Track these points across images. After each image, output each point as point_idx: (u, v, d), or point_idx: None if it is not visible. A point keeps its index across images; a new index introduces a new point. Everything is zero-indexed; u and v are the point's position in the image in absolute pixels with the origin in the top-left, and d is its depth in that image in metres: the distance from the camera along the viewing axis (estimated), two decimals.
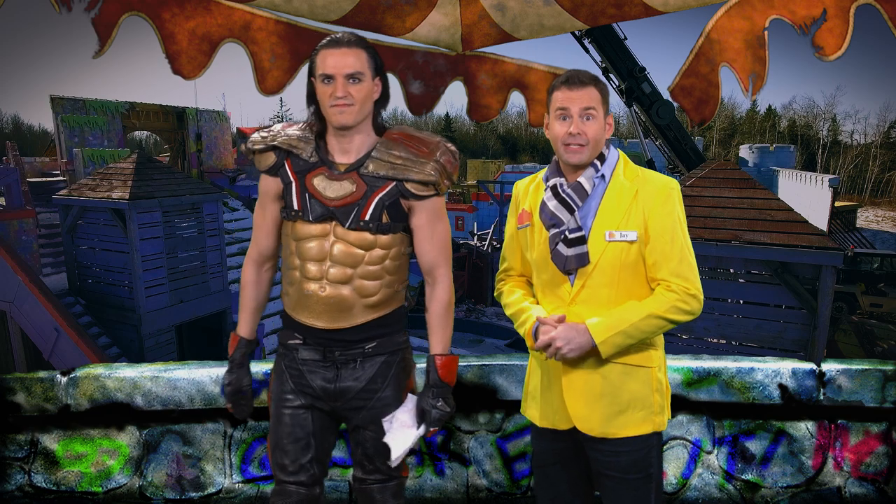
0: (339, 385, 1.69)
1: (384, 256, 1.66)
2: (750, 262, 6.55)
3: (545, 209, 1.62)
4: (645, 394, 1.59)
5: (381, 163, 1.62)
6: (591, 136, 1.55)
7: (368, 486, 1.76)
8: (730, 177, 7.25)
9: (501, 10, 3.13)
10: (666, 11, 2.81)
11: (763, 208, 6.75)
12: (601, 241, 1.56)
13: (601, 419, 1.58)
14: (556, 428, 1.66)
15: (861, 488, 2.57)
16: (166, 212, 11.52)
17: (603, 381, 1.58)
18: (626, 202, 1.57)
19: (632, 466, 1.59)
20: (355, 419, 1.72)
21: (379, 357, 1.71)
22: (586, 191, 1.58)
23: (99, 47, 2.38)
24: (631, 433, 1.58)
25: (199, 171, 22.26)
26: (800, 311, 6.41)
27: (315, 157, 1.65)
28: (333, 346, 1.68)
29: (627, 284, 1.57)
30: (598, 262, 1.56)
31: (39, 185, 17.29)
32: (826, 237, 6.46)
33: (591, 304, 1.58)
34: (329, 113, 1.59)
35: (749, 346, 6.63)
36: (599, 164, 1.60)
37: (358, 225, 1.62)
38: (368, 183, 1.62)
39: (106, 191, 11.18)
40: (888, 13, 2.34)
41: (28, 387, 2.58)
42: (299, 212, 1.64)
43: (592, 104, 1.54)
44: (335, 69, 1.56)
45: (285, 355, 1.74)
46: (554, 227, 1.60)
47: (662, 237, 1.55)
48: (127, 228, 10.96)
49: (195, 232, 12.27)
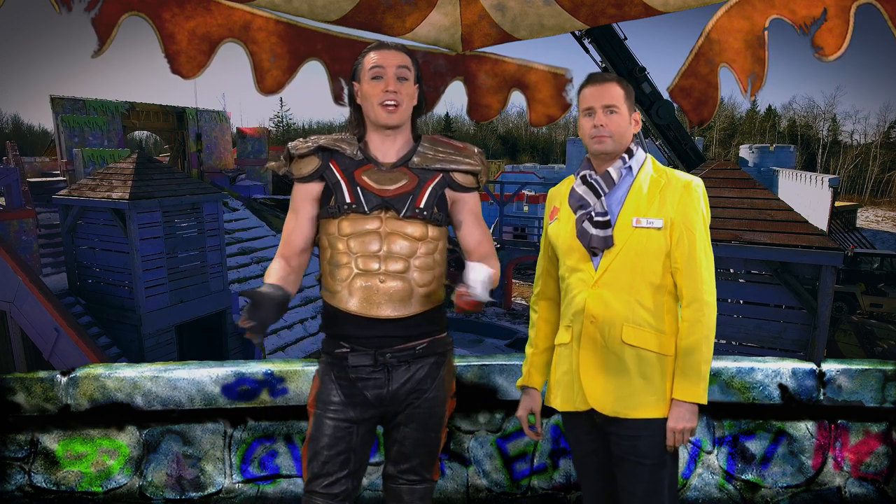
0: (391, 388, 1.68)
1: (434, 248, 1.71)
2: (750, 262, 6.55)
3: (574, 194, 1.72)
4: (658, 379, 1.63)
5: (427, 156, 1.71)
6: (613, 128, 1.65)
7: (399, 485, 1.76)
8: (730, 177, 7.25)
9: (501, 10, 3.13)
10: (666, 11, 2.81)
11: (763, 208, 6.75)
12: (628, 227, 1.64)
13: (614, 399, 1.63)
14: (576, 409, 1.71)
15: (861, 488, 2.57)
16: (166, 212, 11.51)
17: (618, 363, 1.63)
18: (654, 194, 1.66)
19: (647, 451, 1.63)
20: (398, 417, 1.72)
21: (429, 358, 1.72)
22: (613, 180, 1.68)
23: (98, 47, 2.38)
24: (643, 415, 1.62)
25: (199, 171, 22.26)
26: (800, 311, 6.41)
27: (361, 155, 1.69)
28: (384, 345, 1.66)
29: (650, 271, 1.63)
30: (623, 247, 1.63)
31: (39, 185, 17.29)
32: (826, 237, 6.46)
33: (614, 288, 1.64)
34: (378, 112, 1.63)
35: (749, 346, 6.63)
36: (627, 158, 1.69)
37: (413, 213, 1.65)
38: (419, 175, 1.69)
39: (106, 191, 11.18)
40: (888, 13, 2.34)
41: (28, 387, 2.58)
42: (352, 204, 1.64)
43: (614, 101, 1.65)
44: (386, 62, 1.63)
45: (334, 365, 1.71)
46: (581, 208, 1.69)
47: (688, 236, 1.62)
48: (127, 228, 10.96)
49: (195, 232, 12.26)
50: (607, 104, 1.65)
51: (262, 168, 23.97)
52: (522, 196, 26.36)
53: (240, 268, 15.64)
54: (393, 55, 1.64)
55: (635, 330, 1.63)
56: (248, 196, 21.03)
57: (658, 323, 1.64)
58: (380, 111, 1.63)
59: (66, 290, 12.03)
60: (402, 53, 1.66)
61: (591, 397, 1.66)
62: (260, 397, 2.57)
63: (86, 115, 19.07)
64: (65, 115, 18.53)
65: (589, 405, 1.67)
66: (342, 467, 1.68)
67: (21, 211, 13.43)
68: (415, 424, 1.71)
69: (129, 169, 11.54)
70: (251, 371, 2.58)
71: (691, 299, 1.62)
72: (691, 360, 1.61)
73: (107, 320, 11.58)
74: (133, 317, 11.22)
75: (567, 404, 1.73)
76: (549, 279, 1.85)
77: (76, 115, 18.81)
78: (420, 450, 1.73)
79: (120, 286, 11.41)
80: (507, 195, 23.92)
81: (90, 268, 11.85)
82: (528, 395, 1.86)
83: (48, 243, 14.41)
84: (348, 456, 1.68)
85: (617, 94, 1.65)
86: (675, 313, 1.67)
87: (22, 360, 10.91)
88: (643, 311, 1.63)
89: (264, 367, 2.58)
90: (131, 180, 11.17)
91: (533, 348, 1.87)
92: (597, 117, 1.66)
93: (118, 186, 11.16)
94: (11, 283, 10.26)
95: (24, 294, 10.28)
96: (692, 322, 1.62)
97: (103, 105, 19.79)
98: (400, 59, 1.64)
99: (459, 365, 2.59)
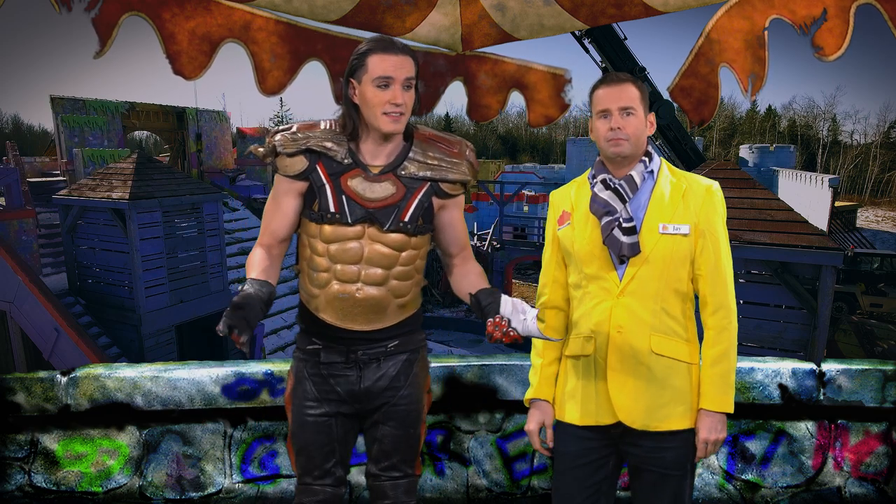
0: (364, 385, 1.69)
1: (416, 256, 1.68)
2: (750, 262, 6.54)
3: (597, 199, 1.64)
4: (686, 389, 1.60)
5: (419, 164, 1.64)
6: (630, 131, 1.59)
7: (382, 482, 1.76)
8: (730, 177, 7.25)
9: (501, 10, 3.13)
10: (666, 11, 2.81)
11: (763, 208, 6.75)
12: (654, 233, 1.59)
13: (644, 411, 1.59)
14: (600, 424, 1.64)
15: (861, 488, 2.57)
16: (166, 212, 11.50)
17: (648, 374, 1.59)
18: (676, 198, 1.61)
19: (674, 463, 1.60)
20: (375, 415, 1.73)
21: (401, 355, 1.72)
22: (637, 184, 1.62)
23: (99, 47, 2.38)
24: (671, 427, 1.58)
25: (199, 171, 22.25)
26: (800, 311, 6.41)
27: (349, 159, 1.62)
28: (356, 345, 1.67)
29: (675, 277, 1.60)
30: (651, 254, 1.58)
31: (39, 185, 17.27)
32: (826, 237, 6.46)
33: (639, 297, 1.59)
34: (381, 120, 1.56)
35: (749, 346, 6.63)
36: (648, 161, 1.64)
37: (397, 226, 1.62)
38: (406, 184, 1.63)
39: (106, 191, 11.17)
40: (888, 13, 2.34)
41: (28, 387, 2.58)
42: (336, 214, 1.60)
43: (631, 102, 1.59)
44: (396, 72, 1.54)
45: (306, 361, 1.72)
46: (608, 214, 1.61)
47: (713, 243, 1.60)
48: (127, 228, 10.95)
49: (195, 232, 12.25)
50: (624, 106, 1.58)
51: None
52: (522, 196, 26.33)
53: (240, 268, 15.61)
54: (402, 64, 1.54)
55: (664, 339, 1.58)
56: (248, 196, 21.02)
57: (682, 330, 1.60)
58: (384, 120, 1.56)
59: (66, 290, 12.02)
60: (410, 60, 1.57)
61: (621, 410, 1.60)
62: (260, 397, 2.57)
63: (86, 115, 19.06)
64: (65, 115, 18.52)
65: (617, 418, 1.61)
66: (329, 458, 1.71)
67: (21, 211, 13.42)
68: (393, 422, 1.72)
69: (129, 169, 11.53)
70: (251, 371, 2.58)
71: (718, 306, 1.59)
72: (720, 369, 1.57)
73: (107, 320, 11.58)
74: (133, 317, 11.21)
75: (588, 418, 1.65)
76: (558, 287, 1.77)
77: (76, 115, 18.80)
78: (400, 446, 1.74)
79: (120, 286, 11.40)
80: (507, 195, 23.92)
81: (90, 268, 11.85)
82: (539, 408, 1.76)
83: (48, 243, 14.40)
84: (333, 447, 1.72)
85: (633, 95, 1.59)
86: (694, 320, 1.63)
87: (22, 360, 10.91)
88: (670, 319, 1.59)
89: (264, 367, 2.58)
90: (131, 180, 11.17)
91: (542, 359, 1.78)
92: (613, 119, 1.59)
93: (118, 186, 11.16)
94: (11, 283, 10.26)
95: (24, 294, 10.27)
96: (719, 330, 1.59)
97: (103, 105, 19.77)
98: (409, 69, 1.55)
99: (459, 365, 2.59)
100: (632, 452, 1.64)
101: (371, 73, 1.54)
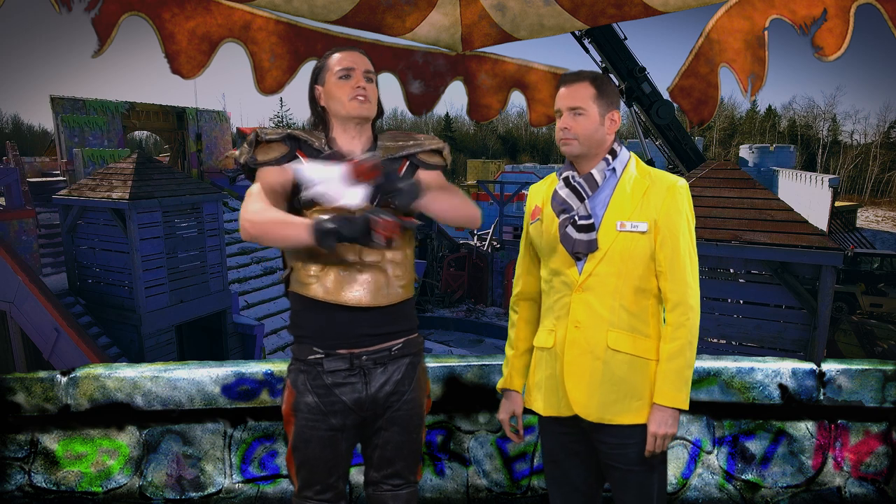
0: (370, 392, 1.66)
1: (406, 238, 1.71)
2: (750, 262, 6.55)
3: (556, 197, 1.69)
4: (644, 385, 1.61)
5: (389, 147, 1.73)
6: (579, 130, 1.62)
7: (383, 491, 1.74)
8: (730, 177, 7.26)
9: (501, 10, 3.13)
10: (666, 11, 2.81)
11: (763, 208, 6.75)
12: (612, 231, 1.60)
13: (598, 405, 1.61)
14: (560, 415, 1.68)
15: (861, 488, 2.57)
16: (166, 212, 11.52)
17: (604, 369, 1.61)
18: (637, 196, 1.62)
19: (637, 458, 1.61)
20: (378, 422, 1.70)
21: (405, 359, 1.71)
22: (597, 182, 1.64)
23: (98, 47, 2.38)
24: (627, 421, 1.60)
25: (199, 171, 22.25)
26: (800, 311, 6.41)
27: (328, 149, 1.68)
28: (360, 344, 1.64)
29: (635, 275, 1.61)
30: (608, 251, 1.60)
31: (39, 185, 17.28)
32: (826, 237, 6.46)
33: (597, 293, 1.61)
34: (349, 106, 1.65)
35: (749, 346, 6.63)
36: (611, 159, 1.65)
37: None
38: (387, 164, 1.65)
39: (106, 191, 11.18)
40: (888, 13, 2.33)
41: (28, 387, 2.58)
42: None
43: (580, 103, 1.61)
44: (355, 64, 1.66)
45: (307, 372, 1.66)
46: (564, 212, 1.65)
47: (672, 239, 1.60)
48: (127, 228, 10.96)
49: (195, 232, 12.27)
50: (572, 106, 1.61)
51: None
52: (522, 196, 26.35)
53: (240, 268, 15.65)
54: (361, 58, 1.67)
55: (621, 335, 1.60)
56: None
57: (643, 327, 1.62)
58: (352, 105, 1.64)
59: (66, 290, 12.04)
60: (367, 59, 1.69)
61: (576, 404, 1.63)
62: (260, 397, 2.57)
63: (86, 115, 19.07)
64: (65, 115, 18.53)
65: (573, 411, 1.64)
66: (332, 472, 1.68)
67: (21, 211, 13.44)
68: (396, 428, 1.70)
69: (129, 169, 11.54)
70: (251, 371, 2.58)
71: (676, 303, 1.60)
72: (674, 365, 1.58)
73: (107, 320, 11.59)
74: (133, 317, 11.23)
75: (550, 409, 1.70)
76: (531, 279, 1.82)
77: (76, 115, 18.81)
78: (403, 453, 1.72)
79: (120, 286, 11.41)
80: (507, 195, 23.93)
81: (90, 268, 11.86)
82: (509, 397, 1.84)
83: (48, 243, 14.41)
84: (336, 462, 1.68)
85: (584, 94, 1.61)
86: (659, 317, 1.64)
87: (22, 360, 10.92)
88: (628, 315, 1.61)
89: (264, 367, 2.58)
90: (131, 180, 11.18)
91: (513, 350, 1.84)
92: (562, 119, 1.63)
93: (118, 186, 11.17)
94: (11, 283, 10.27)
95: (24, 294, 10.29)
96: (676, 326, 1.60)
97: (103, 105, 19.78)
98: (367, 64, 1.68)
99: (459, 365, 2.59)
100: (600, 449, 1.66)
101: (332, 69, 1.67)
